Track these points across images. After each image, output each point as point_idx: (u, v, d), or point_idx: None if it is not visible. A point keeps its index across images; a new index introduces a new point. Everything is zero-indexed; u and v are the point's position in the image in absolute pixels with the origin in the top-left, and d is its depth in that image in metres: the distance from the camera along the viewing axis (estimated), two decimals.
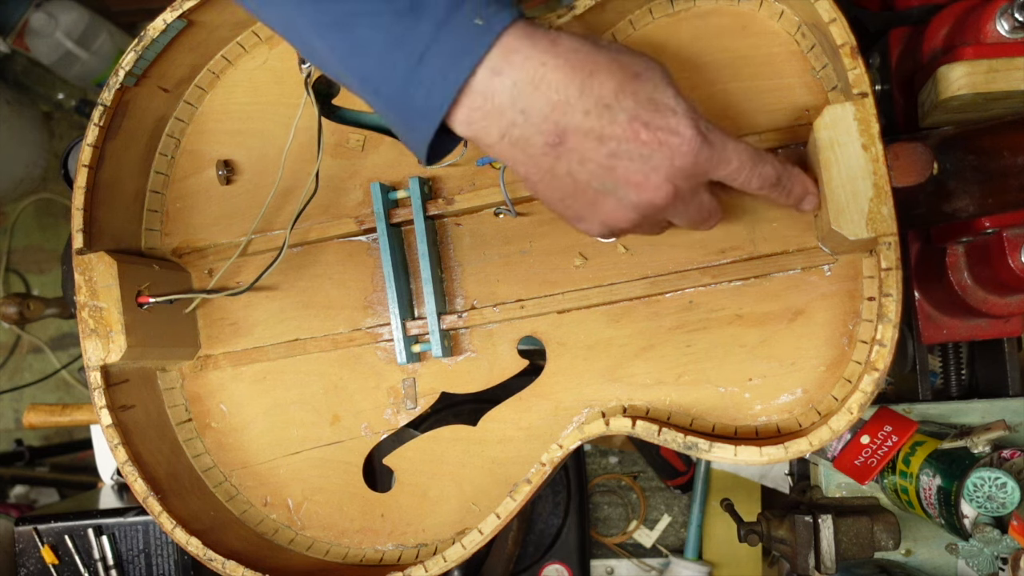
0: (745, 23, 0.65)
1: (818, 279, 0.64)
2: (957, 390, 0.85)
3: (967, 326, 0.78)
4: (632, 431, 0.61)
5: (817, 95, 0.64)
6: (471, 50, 0.48)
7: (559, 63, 0.49)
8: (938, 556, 0.77)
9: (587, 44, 0.50)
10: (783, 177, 0.57)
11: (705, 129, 0.52)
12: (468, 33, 0.48)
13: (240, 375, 0.74)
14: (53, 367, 1.53)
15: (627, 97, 0.50)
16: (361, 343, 0.72)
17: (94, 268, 0.67)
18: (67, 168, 1.17)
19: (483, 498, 0.69)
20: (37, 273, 1.58)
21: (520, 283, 0.69)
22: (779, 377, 0.64)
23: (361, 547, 0.72)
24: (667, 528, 1.18)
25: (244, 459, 0.74)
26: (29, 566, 0.94)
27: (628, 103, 0.50)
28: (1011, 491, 0.63)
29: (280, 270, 0.73)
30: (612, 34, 0.66)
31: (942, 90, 0.63)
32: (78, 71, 1.47)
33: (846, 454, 0.74)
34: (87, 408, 1.22)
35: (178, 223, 0.75)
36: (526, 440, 0.68)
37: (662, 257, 0.66)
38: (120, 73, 0.68)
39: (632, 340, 0.67)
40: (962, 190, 0.63)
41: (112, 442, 0.67)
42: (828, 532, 0.71)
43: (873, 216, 0.57)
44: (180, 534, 0.66)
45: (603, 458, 1.20)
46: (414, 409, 0.71)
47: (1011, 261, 0.67)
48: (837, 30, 0.58)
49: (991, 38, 0.63)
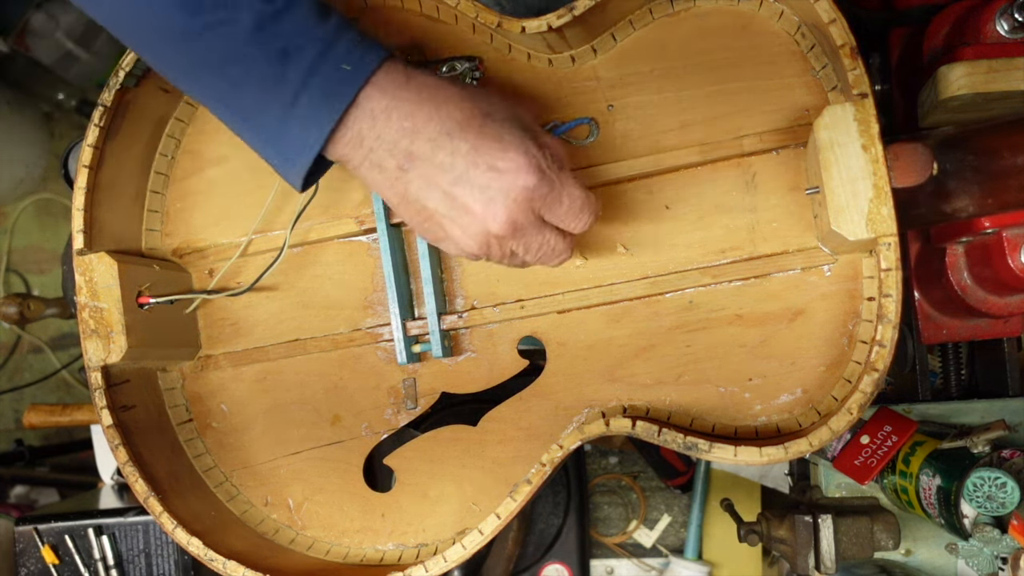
0: (745, 23, 0.65)
1: (818, 279, 0.64)
2: (957, 390, 0.85)
3: (967, 326, 0.78)
4: (632, 431, 0.61)
5: (817, 95, 0.64)
6: (340, 94, 0.52)
7: (410, 95, 0.53)
8: (938, 556, 0.77)
9: (442, 81, 0.55)
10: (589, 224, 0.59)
11: (547, 168, 0.55)
12: (337, 78, 0.52)
13: (241, 375, 0.74)
14: (53, 367, 1.53)
15: (471, 130, 0.54)
16: (361, 343, 0.72)
17: (95, 269, 0.67)
18: (67, 168, 1.17)
19: (483, 498, 0.69)
20: (37, 273, 1.58)
21: (520, 283, 0.69)
22: (779, 377, 0.64)
23: (362, 547, 0.72)
24: (667, 528, 1.18)
25: (245, 459, 0.74)
26: (29, 566, 0.94)
27: (471, 136, 0.54)
28: (1011, 491, 0.63)
29: (280, 270, 0.73)
30: (612, 34, 0.66)
31: (942, 90, 0.64)
32: (78, 71, 1.47)
33: (846, 454, 0.74)
34: (87, 408, 1.23)
35: (178, 223, 0.75)
36: (526, 440, 0.68)
37: (662, 257, 0.66)
38: (120, 74, 0.68)
39: (632, 340, 0.67)
40: (962, 190, 0.63)
41: (113, 442, 0.68)
42: (828, 532, 0.71)
43: (873, 216, 0.57)
44: (181, 534, 0.66)
45: (603, 458, 1.20)
46: (414, 409, 0.71)
47: (1011, 261, 0.67)
48: (837, 30, 0.58)
49: (991, 38, 0.64)
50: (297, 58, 0.51)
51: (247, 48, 0.51)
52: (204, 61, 0.53)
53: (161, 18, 0.52)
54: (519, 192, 0.54)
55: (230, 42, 0.52)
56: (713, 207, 0.66)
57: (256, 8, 0.51)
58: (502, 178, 0.54)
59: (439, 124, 0.53)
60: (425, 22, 0.69)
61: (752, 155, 0.65)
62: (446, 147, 0.53)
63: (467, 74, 0.68)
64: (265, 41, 0.51)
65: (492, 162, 0.54)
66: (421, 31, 0.69)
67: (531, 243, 0.57)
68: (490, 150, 0.54)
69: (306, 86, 0.52)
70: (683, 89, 0.66)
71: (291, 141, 0.53)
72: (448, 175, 0.54)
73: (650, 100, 0.66)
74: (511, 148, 0.54)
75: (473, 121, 0.54)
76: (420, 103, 0.53)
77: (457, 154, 0.53)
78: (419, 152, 0.53)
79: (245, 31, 0.51)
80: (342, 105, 0.52)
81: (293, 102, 0.52)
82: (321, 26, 0.52)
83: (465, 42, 0.69)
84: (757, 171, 0.65)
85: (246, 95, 0.53)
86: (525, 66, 0.68)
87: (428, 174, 0.54)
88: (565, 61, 0.67)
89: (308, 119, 0.52)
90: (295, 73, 0.52)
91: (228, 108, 0.55)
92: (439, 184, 0.54)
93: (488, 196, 0.54)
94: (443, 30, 0.69)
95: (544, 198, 0.55)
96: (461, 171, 0.54)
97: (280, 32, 0.51)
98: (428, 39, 0.69)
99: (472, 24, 0.68)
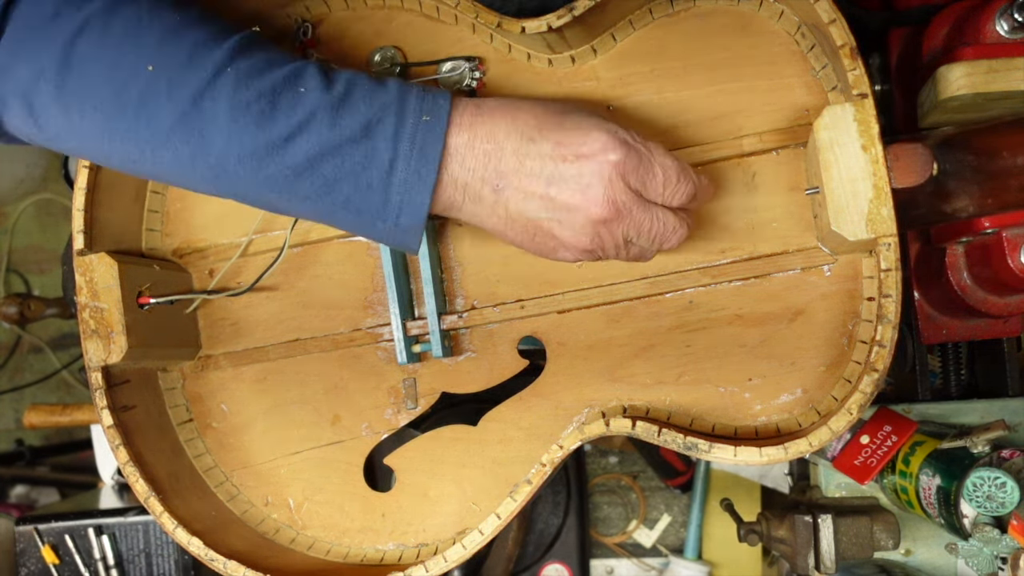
0: (745, 23, 0.65)
1: (818, 279, 0.64)
2: (957, 390, 0.85)
3: (967, 326, 0.78)
4: (632, 431, 0.61)
5: (817, 95, 0.64)
6: (431, 145, 0.53)
7: (485, 119, 0.54)
8: (938, 556, 0.77)
9: (509, 98, 0.57)
10: (698, 195, 0.59)
11: (631, 140, 0.55)
12: (423, 130, 0.53)
13: (241, 375, 0.74)
14: (53, 367, 1.54)
15: (549, 128, 0.54)
16: (361, 343, 0.72)
17: (95, 269, 0.67)
18: (68, 168, 1.18)
19: (483, 498, 0.69)
20: (37, 273, 1.58)
21: (520, 283, 0.69)
22: (779, 377, 0.64)
23: (362, 547, 0.72)
24: (667, 528, 1.18)
25: (245, 459, 0.74)
26: (30, 566, 0.94)
27: (551, 133, 0.54)
28: (1010, 491, 0.63)
29: (280, 270, 0.73)
30: (612, 34, 0.66)
31: (942, 90, 0.64)
32: None
33: (846, 454, 0.74)
34: (88, 408, 1.23)
35: (179, 223, 0.75)
36: (526, 440, 0.68)
37: (662, 257, 0.66)
38: None
39: (632, 340, 0.67)
40: (962, 190, 0.63)
41: (113, 442, 0.68)
42: (828, 532, 0.71)
43: (873, 217, 0.57)
44: (181, 534, 0.66)
45: (603, 458, 1.20)
46: (414, 409, 0.71)
47: (1011, 261, 0.67)
48: (837, 31, 0.58)
49: (990, 38, 0.63)
50: (380, 129, 0.52)
51: (332, 139, 0.52)
52: (295, 169, 0.53)
53: (241, 144, 0.52)
54: (610, 169, 0.54)
55: (315, 140, 0.52)
56: (713, 207, 0.66)
57: (325, 101, 0.52)
58: (591, 161, 0.54)
59: (518, 134, 0.54)
60: (425, 22, 0.69)
61: (752, 155, 0.65)
62: (531, 153, 0.54)
63: (467, 74, 0.68)
64: (346, 126, 0.52)
65: (577, 150, 0.54)
66: (421, 31, 0.69)
67: (641, 224, 0.56)
68: (572, 140, 0.54)
69: (398, 151, 0.52)
70: (683, 89, 0.66)
71: (400, 208, 0.53)
72: (540, 179, 0.54)
73: (650, 100, 0.66)
74: (592, 130, 0.54)
75: (549, 120, 0.54)
76: (495, 122, 0.54)
77: (543, 156, 0.54)
78: (507, 167, 0.54)
79: (325, 125, 0.52)
80: (436, 155, 0.53)
81: (390, 170, 0.53)
82: (384, 90, 0.54)
83: (465, 42, 0.69)
84: (757, 171, 0.65)
85: (344, 185, 0.53)
86: (525, 66, 0.68)
87: (522, 185, 0.54)
88: (565, 61, 0.67)
89: (409, 181, 0.53)
90: (383, 142, 0.52)
91: (328, 204, 0.54)
92: (535, 191, 0.54)
93: (583, 184, 0.54)
94: (443, 30, 0.69)
95: (636, 170, 0.55)
96: (551, 170, 0.54)
97: (355, 112, 0.52)
98: (428, 39, 0.69)
99: (472, 24, 0.68)
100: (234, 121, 0.51)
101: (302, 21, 0.71)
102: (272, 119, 0.51)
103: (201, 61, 0.51)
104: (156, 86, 0.51)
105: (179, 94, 0.51)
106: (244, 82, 0.51)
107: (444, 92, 0.55)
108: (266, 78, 0.52)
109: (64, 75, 0.51)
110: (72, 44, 0.51)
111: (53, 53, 0.51)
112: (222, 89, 0.51)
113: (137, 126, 0.52)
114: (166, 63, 0.51)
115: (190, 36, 0.52)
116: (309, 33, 0.71)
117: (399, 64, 0.69)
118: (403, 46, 0.70)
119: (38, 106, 0.52)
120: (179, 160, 0.53)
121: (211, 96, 0.51)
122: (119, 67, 0.51)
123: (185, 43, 0.52)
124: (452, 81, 0.68)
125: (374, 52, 0.69)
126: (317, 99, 0.52)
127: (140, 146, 0.53)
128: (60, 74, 0.51)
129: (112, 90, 0.51)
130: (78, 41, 0.51)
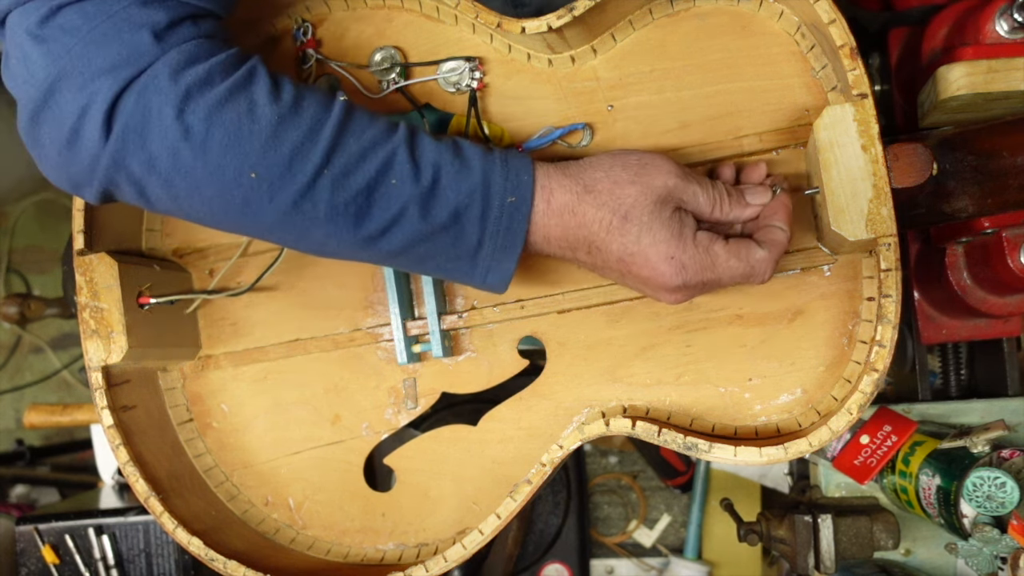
0: (745, 23, 0.65)
1: (818, 279, 0.64)
2: (956, 390, 0.85)
3: (967, 326, 0.78)
4: (632, 431, 0.61)
5: (817, 95, 0.64)
6: (517, 224, 0.56)
7: (566, 197, 0.57)
8: (937, 556, 0.77)
9: (582, 170, 0.58)
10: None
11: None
12: (508, 212, 0.56)
13: (241, 375, 0.74)
14: (54, 367, 1.54)
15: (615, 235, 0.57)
16: (362, 343, 0.72)
17: (95, 269, 0.67)
18: None
19: (483, 498, 0.69)
20: (38, 273, 1.58)
21: (520, 283, 0.69)
22: (779, 377, 0.64)
23: (362, 546, 0.72)
24: (667, 528, 1.18)
25: (245, 459, 0.74)
26: (30, 565, 0.94)
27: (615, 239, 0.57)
28: (1010, 491, 0.63)
29: (281, 270, 0.73)
30: (612, 34, 0.66)
31: (942, 90, 0.64)
32: None
33: (846, 454, 0.74)
34: (88, 408, 1.23)
35: (179, 223, 0.75)
36: (526, 440, 0.68)
37: None
38: None
39: (632, 340, 0.67)
40: (962, 190, 0.63)
41: (114, 442, 0.68)
42: (828, 532, 0.71)
43: (872, 217, 0.57)
44: (182, 534, 0.66)
45: (603, 458, 1.20)
46: (414, 409, 0.71)
47: (1010, 261, 0.67)
48: (836, 31, 0.58)
49: (990, 38, 0.64)
50: (467, 214, 0.56)
51: (423, 229, 0.55)
52: (389, 256, 0.57)
53: (340, 239, 0.56)
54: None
55: (408, 230, 0.56)
56: None
57: (415, 194, 0.55)
58: (653, 284, 0.58)
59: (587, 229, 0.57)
60: (425, 22, 0.69)
61: (752, 155, 0.65)
62: (601, 248, 0.57)
63: (467, 74, 0.68)
64: (436, 216, 0.55)
65: (639, 272, 0.57)
66: (421, 31, 0.69)
67: (712, 287, 0.58)
68: (634, 263, 0.57)
69: (484, 232, 0.56)
70: (683, 89, 0.66)
71: (487, 272, 0.58)
72: (613, 261, 0.58)
73: (650, 100, 0.66)
74: (655, 261, 0.57)
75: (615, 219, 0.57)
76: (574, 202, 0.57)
77: (610, 256, 0.57)
78: (582, 240, 0.58)
79: (416, 218, 0.55)
80: (521, 233, 0.56)
81: (478, 247, 0.57)
82: (469, 173, 0.56)
83: (465, 42, 0.69)
84: None
85: (434, 260, 0.58)
86: (525, 66, 0.68)
87: (599, 259, 0.58)
88: (565, 61, 0.67)
89: (495, 256, 0.57)
90: (471, 224, 0.56)
91: (417, 269, 0.60)
92: (612, 267, 0.58)
93: (650, 288, 0.58)
94: (443, 30, 0.69)
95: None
96: (621, 270, 0.58)
97: (444, 202, 0.55)
98: (428, 39, 0.69)
99: (472, 24, 0.68)
100: (332, 221, 0.55)
101: (302, 21, 0.71)
102: (368, 216, 0.55)
103: (300, 166, 0.54)
104: (259, 191, 0.54)
105: (281, 199, 0.54)
106: (340, 183, 0.54)
107: (526, 162, 0.57)
108: (360, 174, 0.55)
109: (172, 178, 0.54)
110: (176, 152, 0.53)
111: (161, 157, 0.53)
112: (321, 193, 0.54)
113: (242, 221, 0.56)
114: (267, 172, 0.54)
115: (288, 140, 0.54)
116: (309, 33, 0.71)
117: (399, 64, 0.69)
118: (403, 46, 0.70)
119: (151, 196, 0.56)
120: (282, 242, 0.59)
121: (311, 200, 0.54)
122: (223, 173, 0.54)
123: (284, 148, 0.54)
124: (452, 81, 0.68)
125: (374, 52, 0.69)
126: (408, 192, 0.55)
127: (245, 232, 0.58)
128: (168, 180, 0.54)
129: (217, 191, 0.54)
130: (181, 147, 0.53)
